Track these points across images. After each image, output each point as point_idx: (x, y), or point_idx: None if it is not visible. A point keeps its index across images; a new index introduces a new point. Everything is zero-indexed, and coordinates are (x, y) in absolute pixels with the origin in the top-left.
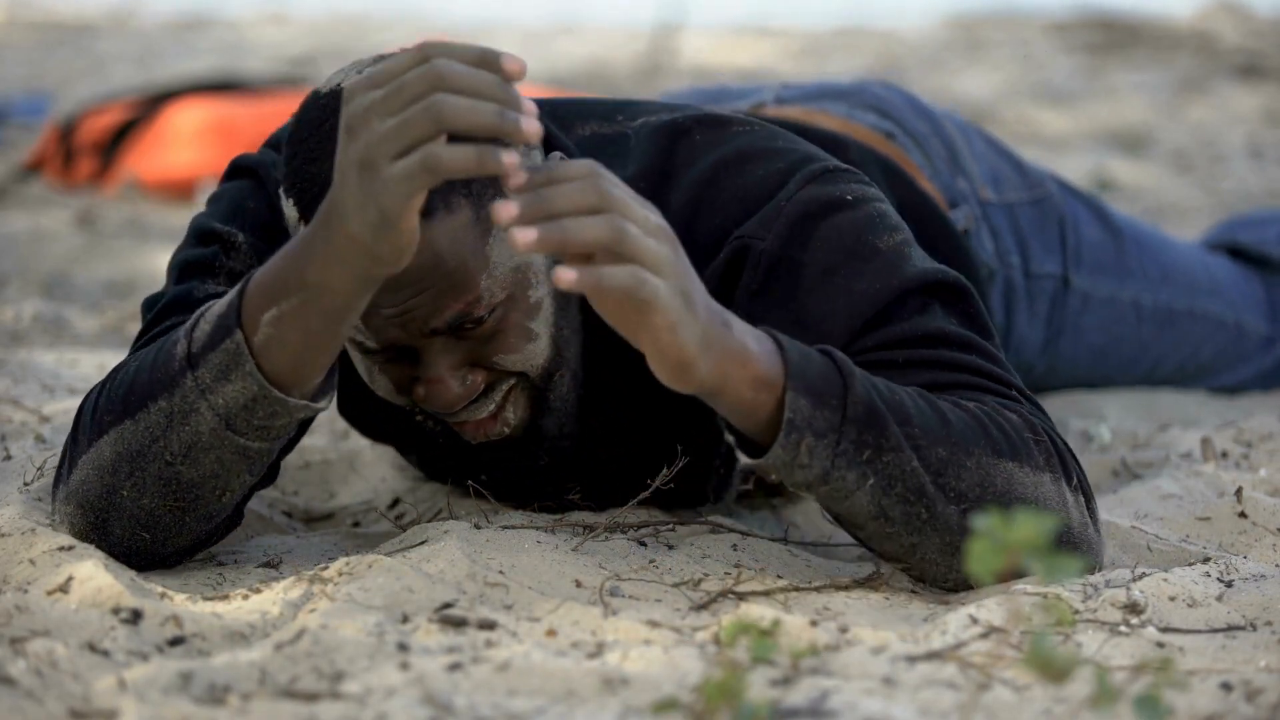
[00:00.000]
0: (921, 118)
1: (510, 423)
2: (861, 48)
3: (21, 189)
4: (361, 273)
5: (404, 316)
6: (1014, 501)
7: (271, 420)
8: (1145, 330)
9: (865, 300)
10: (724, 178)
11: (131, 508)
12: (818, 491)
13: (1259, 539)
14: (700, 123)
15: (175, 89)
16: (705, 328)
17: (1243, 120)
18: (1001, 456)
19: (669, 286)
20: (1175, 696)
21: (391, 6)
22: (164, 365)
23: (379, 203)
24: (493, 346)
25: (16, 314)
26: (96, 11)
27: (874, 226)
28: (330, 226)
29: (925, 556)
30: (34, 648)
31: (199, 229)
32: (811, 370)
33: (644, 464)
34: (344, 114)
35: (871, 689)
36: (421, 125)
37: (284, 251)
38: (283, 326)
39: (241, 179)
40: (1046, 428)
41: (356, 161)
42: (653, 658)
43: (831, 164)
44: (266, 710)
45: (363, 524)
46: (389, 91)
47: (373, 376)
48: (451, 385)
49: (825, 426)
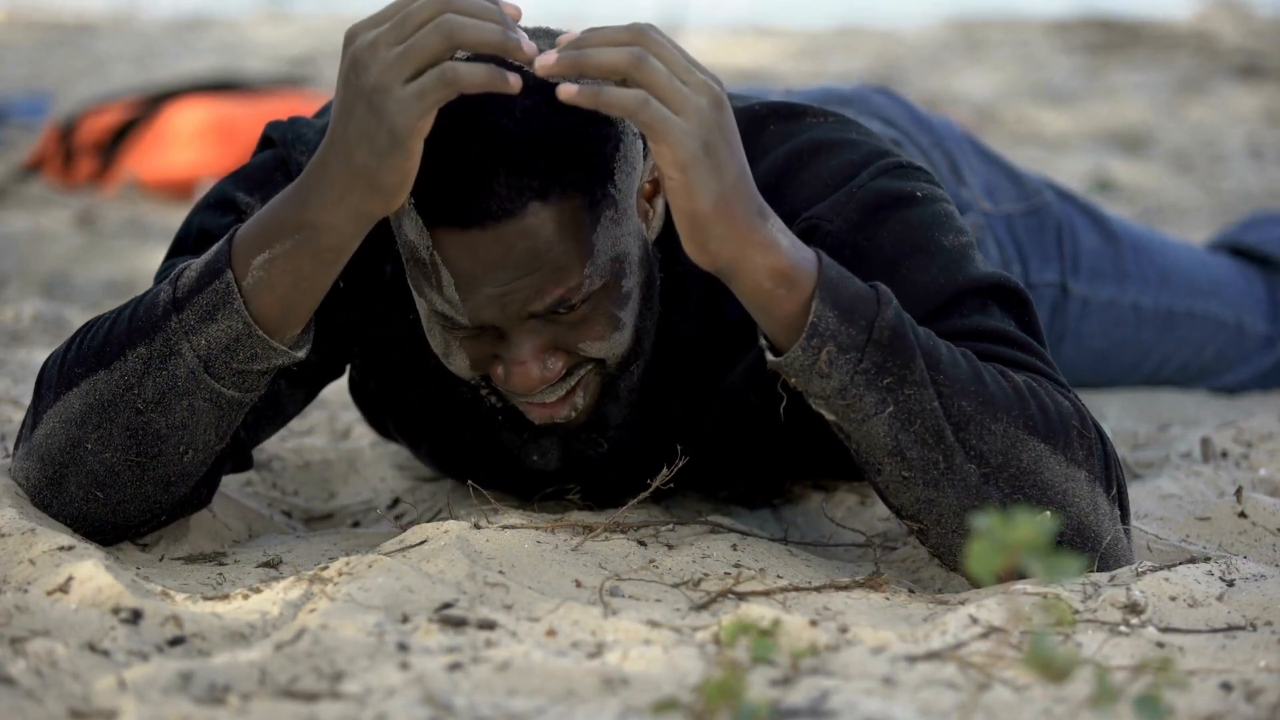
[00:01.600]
0: (921, 129)
1: (579, 407)
2: (861, 48)
3: (21, 189)
4: (361, 209)
5: (505, 298)
6: (1039, 487)
7: (250, 364)
8: (1146, 333)
9: (926, 293)
10: (799, 167)
11: (92, 463)
12: (836, 407)
13: (1259, 539)
14: (775, 112)
15: (175, 89)
16: (727, 194)
17: (1243, 120)
18: (1034, 434)
19: (685, 126)
20: (1175, 696)
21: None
22: (145, 314)
23: (390, 123)
24: (580, 333)
25: (16, 314)
26: (96, 11)
27: (941, 225)
28: (330, 166)
29: (941, 519)
30: (34, 648)
31: (220, 194)
32: (847, 289)
33: (694, 461)
34: (348, 52)
35: (871, 689)
36: (433, 44)
37: (277, 199)
38: (274, 269)
39: (272, 149)
40: (1098, 429)
41: (367, 89)
42: (653, 658)
43: (905, 159)
44: (266, 710)
45: (363, 524)
46: (396, 22)
47: (449, 351)
48: (534, 369)
49: (849, 342)
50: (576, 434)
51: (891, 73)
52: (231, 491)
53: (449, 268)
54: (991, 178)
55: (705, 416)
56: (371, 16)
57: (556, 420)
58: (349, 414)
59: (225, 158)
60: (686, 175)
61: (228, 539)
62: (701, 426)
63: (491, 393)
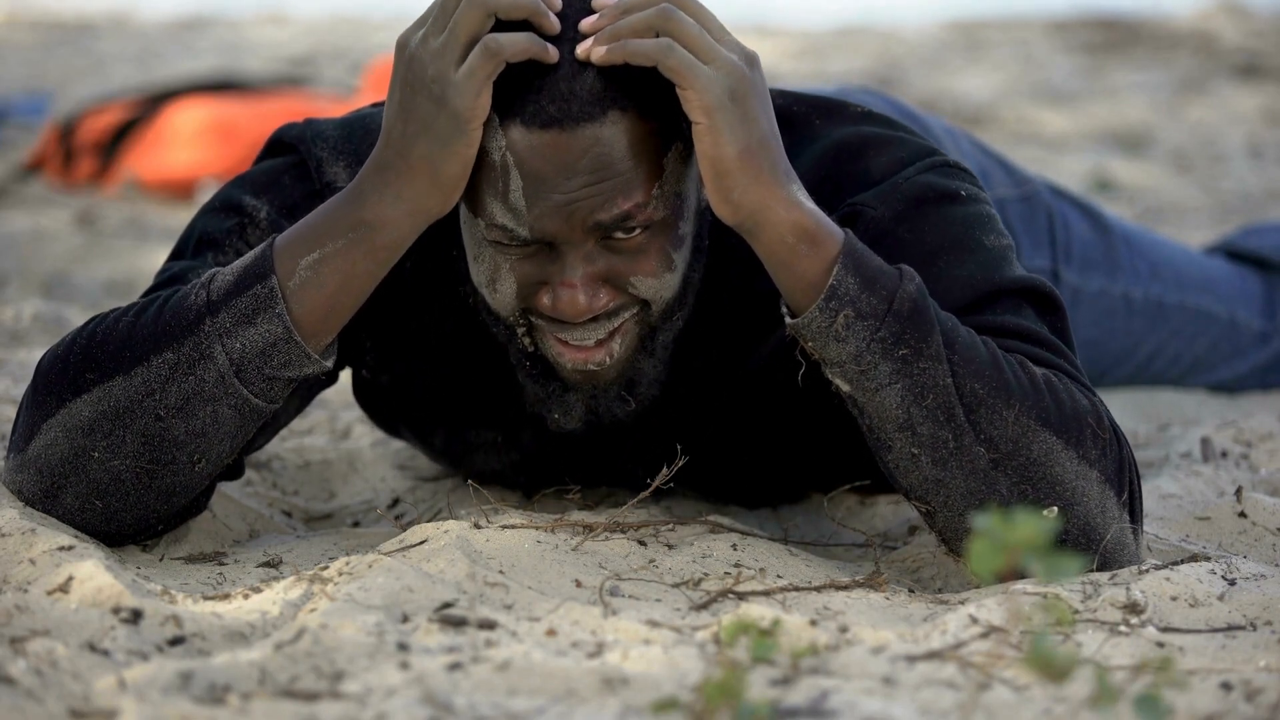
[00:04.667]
0: (907, 119)
1: (615, 354)
2: (861, 48)
3: (21, 189)
4: (419, 205)
5: (571, 206)
6: (1048, 481)
7: (282, 370)
8: (1136, 323)
9: (962, 288)
10: (846, 160)
11: (97, 471)
12: (850, 373)
13: (1259, 539)
14: (816, 108)
15: (175, 89)
16: (754, 146)
17: (1243, 120)
18: (1047, 426)
19: (712, 74)
20: (1175, 696)
21: (391, 6)
22: (174, 318)
23: (450, 107)
24: (634, 265)
25: (16, 314)
26: (96, 11)
27: (983, 225)
28: (387, 164)
29: (949, 501)
30: (34, 647)
31: (225, 198)
32: (871, 261)
33: (717, 447)
34: (401, 55)
35: (871, 689)
36: (470, 18)
37: (329, 203)
38: (324, 267)
39: (285, 155)
40: (1116, 431)
41: (426, 80)
42: (653, 658)
43: (952, 159)
44: (266, 710)
45: (363, 524)
46: (437, 14)
47: (498, 277)
48: (583, 295)
49: (869, 310)
50: (605, 390)
51: (891, 73)
52: (231, 491)
53: (520, 169)
54: (985, 165)
55: (729, 391)
56: (416, 20)
57: (590, 366)
58: (349, 414)
59: (225, 158)
60: (712, 119)
61: (228, 539)
62: (723, 403)
63: (528, 333)
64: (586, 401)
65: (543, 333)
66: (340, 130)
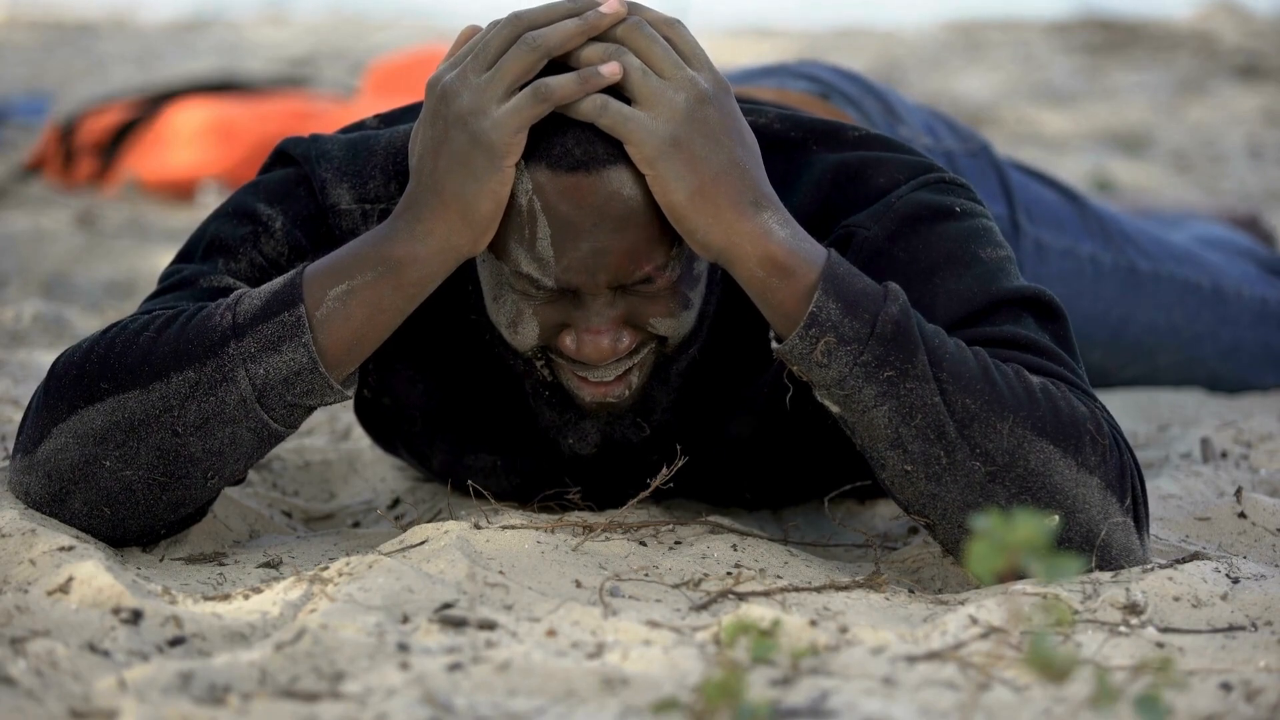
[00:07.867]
0: (849, 81)
1: (633, 386)
2: (861, 48)
3: (21, 189)
4: (449, 243)
5: (597, 259)
6: (1047, 490)
7: (304, 399)
8: (1106, 287)
9: (959, 300)
10: (845, 184)
11: (108, 480)
12: (836, 397)
13: (1259, 539)
14: (813, 133)
15: (175, 89)
16: (705, 186)
17: (1242, 120)
18: (1043, 436)
19: (650, 124)
20: (1175, 696)
21: (391, 6)
22: (197, 336)
23: (486, 142)
24: (653, 308)
25: (16, 314)
26: (96, 11)
27: (979, 238)
28: (419, 201)
29: (946, 514)
30: (34, 648)
31: (239, 205)
32: (854, 284)
33: (723, 464)
34: (434, 93)
35: (871, 689)
36: (522, 60)
37: (362, 237)
38: (353, 300)
39: (291, 167)
40: (1116, 436)
41: (462, 114)
42: (653, 658)
43: (948, 175)
44: (266, 710)
45: (363, 524)
46: (476, 53)
47: (520, 320)
48: (606, 339)
49: (850, 335)
50: (620, 417)
51: (891, 73)
52: (231, 492)
53: (548, 214)
54: (932, 121)
55: (737, 413)
56: (450, 60)
57: (608, 399)
58: (349, 414)
59: (225, 158)
60: (655, 169)
61: (228, 539)
62: (731, 424)
63: (546, 365)
64: (602, 428)
65: (561, 367)
66: (345, 151)
